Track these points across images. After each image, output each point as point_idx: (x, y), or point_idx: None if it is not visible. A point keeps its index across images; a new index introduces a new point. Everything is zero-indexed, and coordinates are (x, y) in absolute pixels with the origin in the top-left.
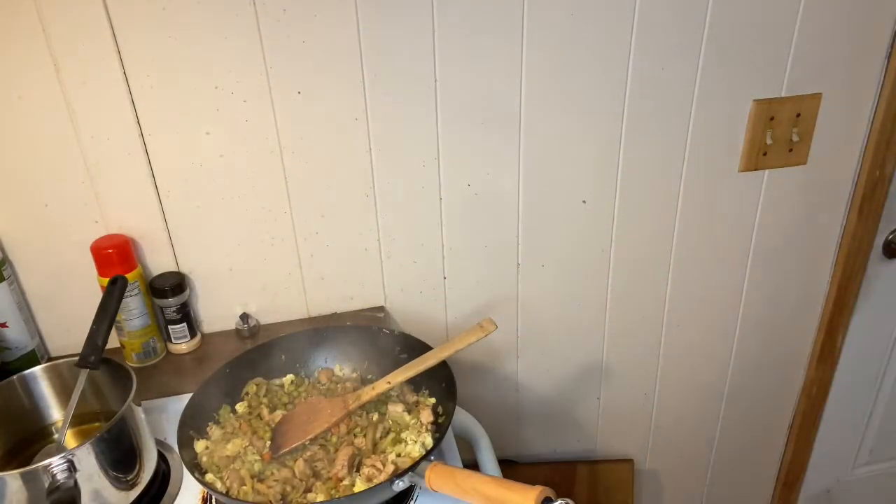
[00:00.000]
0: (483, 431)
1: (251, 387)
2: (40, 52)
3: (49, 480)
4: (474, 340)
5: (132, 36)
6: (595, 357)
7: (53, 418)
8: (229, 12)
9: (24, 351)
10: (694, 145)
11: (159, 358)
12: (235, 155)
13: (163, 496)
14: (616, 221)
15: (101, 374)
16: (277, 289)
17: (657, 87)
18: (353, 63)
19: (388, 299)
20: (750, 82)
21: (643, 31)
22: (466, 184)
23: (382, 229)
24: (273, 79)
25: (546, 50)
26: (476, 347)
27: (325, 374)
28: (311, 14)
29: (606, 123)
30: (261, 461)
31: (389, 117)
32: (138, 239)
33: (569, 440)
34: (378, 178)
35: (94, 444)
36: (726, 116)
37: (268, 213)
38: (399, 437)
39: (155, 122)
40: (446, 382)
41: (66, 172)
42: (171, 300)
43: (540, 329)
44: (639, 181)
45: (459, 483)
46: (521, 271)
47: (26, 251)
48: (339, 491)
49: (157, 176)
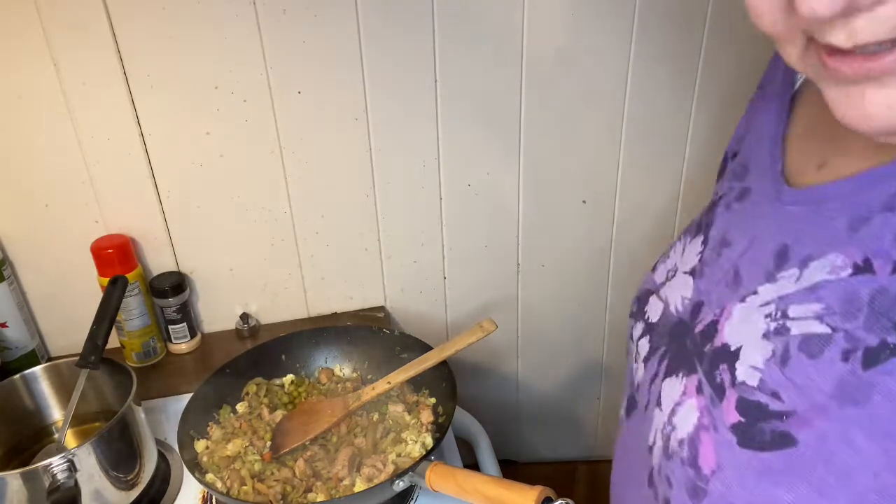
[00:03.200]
0: (483, 431)
1: (251, 387)
2: (40, 51)
3: (49, 480)
4: (474, 340)
5: (132, 36)
6: (595, 357)
7: (53, 418)
8: (229, 12)
9: (24, 351)
10: (694, 145)
11: (159, 358)
12: (235, 155)
13: (163, 496)
14: (616, 221)
15: (101, 374)
16: (277, 289)
17: (657, 87)
18: (353, 63)
19: (388, 299)
20: (750, 82)
21: (643, 31)
22: (466, 184)
23: (382, 229)
24: (273, 79)
25: (546, 50)
26: (476, 347)
27: (325, 374)
28: (311, 14)
29: (606, 123)
30: (261, 461)
31: (389, 117)
32: (138, 239)
33: (569, 440)
34: (378, 178)
35: (94, 444)
36: (726, 116)
37: (268, 213)
38: (399, 437)
39: (155, 122)
40: (446, 382)
41: (66, 172)
42: (171, 300)
43: (540, 329)
44: (639, 181)
45: (459, 483)
46: (521, 271)
47: (26, 251)
48: (340, 491)
49: (157, 176)
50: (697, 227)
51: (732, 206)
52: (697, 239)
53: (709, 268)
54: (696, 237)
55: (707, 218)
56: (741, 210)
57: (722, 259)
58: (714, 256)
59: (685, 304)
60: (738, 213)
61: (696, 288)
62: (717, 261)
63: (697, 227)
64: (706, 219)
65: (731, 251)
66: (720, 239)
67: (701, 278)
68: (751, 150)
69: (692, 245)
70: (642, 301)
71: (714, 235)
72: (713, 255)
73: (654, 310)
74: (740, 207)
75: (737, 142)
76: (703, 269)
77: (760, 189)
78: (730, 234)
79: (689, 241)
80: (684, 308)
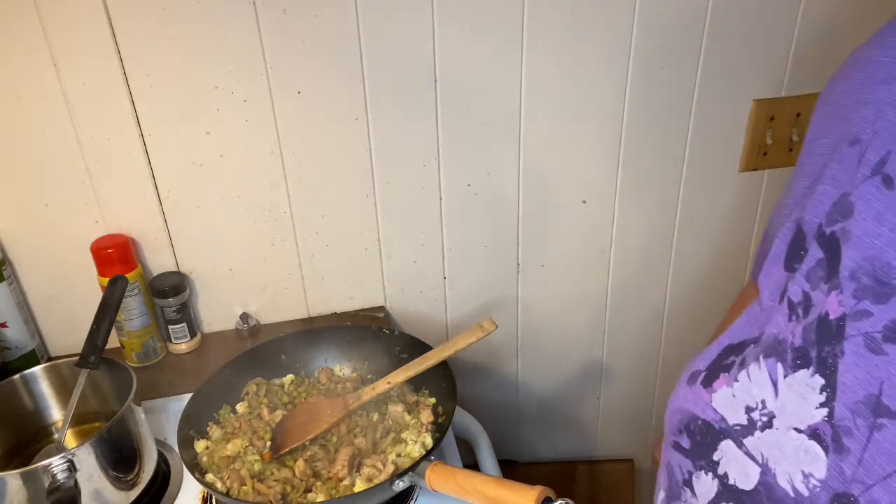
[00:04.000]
0: (483, 431)
1: (251, 387)
2: (40, 51)
3: (49, 480)
4: (474, 340)
5: (132, 36)
6: (595, 357)
7: (53, 418)
8: (229, 12)
9: (24, 351)
10: (694, 145)
11: (159, 358)
12: (235, 155)
13: (163, 496)
14: (616, 221)
15: (101, 374)
16: (277, 289)
17: (657, 87)
18: (353, 63)
19: (388, 299)
20: (750, 82)
21: (643, 31)
22: (466, 184)
23: (382, 229)
24: (273, 79)
25: (546, 50)
26: (476, 347)
27: (325, 374)
28: (311, 14)
29: (606, 123)
30: (261, 461)
31: (389, 117)
32: (138, 239)
33: (569, 440)
34: (378, 178)
35: (94, 444)
36: (726, 116)
37: (268, 213)
38: (399, 437)
39: (155, 122)
40: (446, 382)
41: (66, 172)
42: (171, 300)
43: (540, 329)
44: (639, 181)
45: (459, 483)
46: (521, 271)
47: (26, 251)
48: (339, 491)
49: (157, 176)
50: (803, 356)
51: (884, 350)
52: (809, 378)
53: (853, 441)
54: (804, 372)
55: (825, 349)
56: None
57: (882, 437)
58: (860, 426)
59: (815, 489)
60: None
61: (835, 468)
62: (873, 437)
63: (803, 356)
64: (824, 349)
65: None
66: (868, 399)
67: (840, 455)
68: (890, 253)
69: (798, 383)
70: (707, 442)
71: (851, 386)
72: (858, 422)
73: (736, 467)
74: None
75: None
76: (839, 440)
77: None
78: (889, 397)
79: (788, 371)
80: (813, 494)
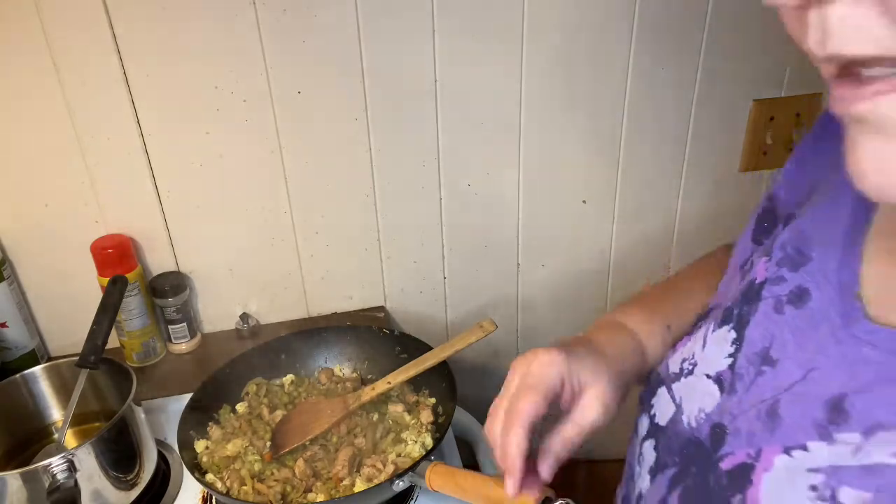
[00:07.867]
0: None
1: (251, 387)
2: (40, 52)
3: (49, 480)
4: (474, 340)
5: (132, 36)
6: None
7: (53, 418)
8: (229, 12)
9: (24, 351)
10: (694, 145)
11: (159, 358)
12: (235, 155)
13: (163, 496)
14: (616, 221)
15: (101, 374)
16: (277, 289)
17: (657, 87)
18: (353, 63)
19: (388, 299)
20: (750, 82)
21: (643, 31)
22: (466, 184)
23: (382, 229)
24: (273, 79)
25: (546, 50)
26: (476, 347)
27: (325, 374)
28: (311, 14)
29: (606, 123)
30: (261, 461)
31: (389, 117)
32: (138, 239)
33: None
34: (378, 178)
35: (94, 444)
36: (726, 116)
37: (268, 213)
38: (399, 437)
39: (155, 122)
40: (446, 382)
41: (66, 172)
42: (171, 300)
43: (540, 329)
44: (639, 181)
45: (459, 483)
46: (521, 271)
47: (26, 251)
48: (340, 491)
49: (157, 176)
50: (728, 314)
51: (784, 310)
52: (727, 332)
53: (741, 385)
54: (725, 328)
55: (745, 308)
56: (796, 322)
57: (762, 381)
58: (750, 372)
59: (701, 421)
60: (790, 325)
61: (720, 405)
62: (755, 381)
63: (728, 314)
64: (743, 308)
65: (775, 375)
66: (762, 351)
67: (730, 395)
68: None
69: (718, 337)
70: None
71: (753, 339)
72: (750, 369)
73: (662, 408)
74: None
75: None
76: (733, 383)
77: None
78: (776, 350)
79: (714, 328)
80: (699, 425)
